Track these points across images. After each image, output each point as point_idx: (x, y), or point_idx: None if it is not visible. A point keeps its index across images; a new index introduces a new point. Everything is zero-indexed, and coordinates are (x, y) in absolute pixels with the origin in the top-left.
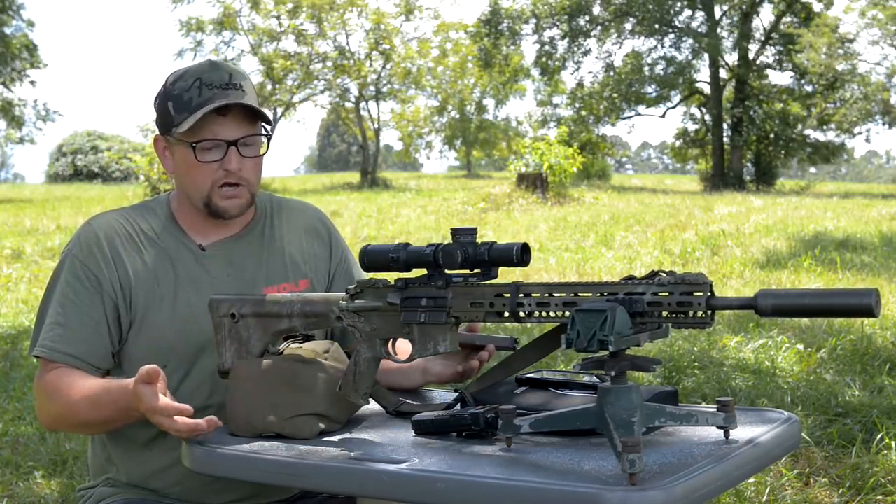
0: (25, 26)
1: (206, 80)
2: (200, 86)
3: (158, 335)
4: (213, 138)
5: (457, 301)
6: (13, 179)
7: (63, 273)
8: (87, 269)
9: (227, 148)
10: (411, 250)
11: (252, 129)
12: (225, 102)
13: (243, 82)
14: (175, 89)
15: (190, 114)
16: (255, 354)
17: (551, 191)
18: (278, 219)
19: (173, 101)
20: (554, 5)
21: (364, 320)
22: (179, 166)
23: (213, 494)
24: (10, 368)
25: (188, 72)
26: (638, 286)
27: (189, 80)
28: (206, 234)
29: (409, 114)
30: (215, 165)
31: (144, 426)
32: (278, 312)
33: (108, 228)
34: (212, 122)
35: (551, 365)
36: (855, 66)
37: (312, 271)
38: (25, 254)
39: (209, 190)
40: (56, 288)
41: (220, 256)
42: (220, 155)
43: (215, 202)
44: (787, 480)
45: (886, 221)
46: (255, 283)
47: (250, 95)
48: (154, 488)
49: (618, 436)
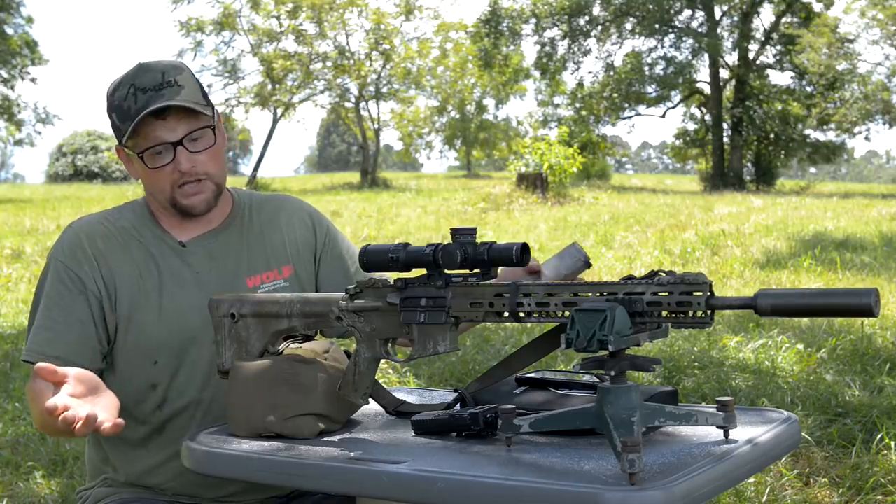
0: (25, 23)
1: (138, 85)
2: (135, 92)
3: (146, 332)
4: (157, 144)
5: (456, 301)
6: (13, 179)
7: (48, 277)
8: (70, 270)
9: (174, 149)
10: (411, 250)
11: (197, 123)
12: (155, 107)
13: (178, 77)
14: (115, 100)
15: (129, 122)
16: (255, 354)
17: (551, 191)
18: (257, 211)
19: (116, 113)
20: (554, 5)
21: (364, 320)
22: (139, 174)
23: (209, 489)
24: (11, 368)
25: (123, 79)
26: (637, 286)
27: (125, 89)
28: (184, 230)
29: (409, 114)
30: (169, 168)
31: (137, 425)
32: (278, 312)
33: (90, 229)
34: (152, 127)
35: (551, 365)
36: (855, 66)
37: (295, 257)
38: (25, 254)
39: (171, 192)
40: (43, 293)
41: (201, 251)
42: (171, 157)
43: (180, 202)
44: (787, 480)
45: (886, 221)
46: (237, 274)
47: (188, 88)
48: (150, 485)
49: (617, 436)
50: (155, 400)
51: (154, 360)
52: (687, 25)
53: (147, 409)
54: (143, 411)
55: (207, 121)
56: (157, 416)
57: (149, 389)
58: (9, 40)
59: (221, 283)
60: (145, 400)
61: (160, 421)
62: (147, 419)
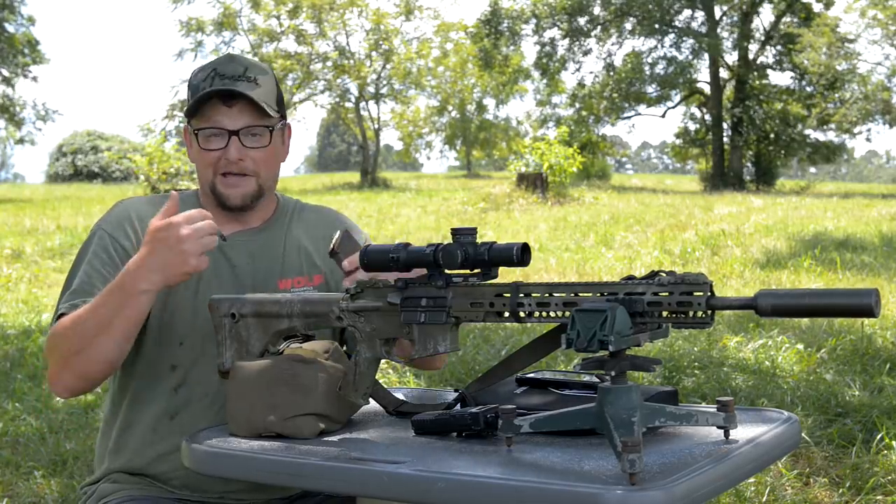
0: (26, 22)
1: (220, 71)
2: (214, 75)
3: (179, 313)
4: (214, 126)
5: (457, 301)
6: (13, 179)
7: (92, 246)
8: (117, 241)
9: (228, 137)
10: (411, 250)
11: (259, 121)
12: (222, 89)
13: (259, 76)
14: (195, 79)
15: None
16: (255, 354)
17: (551, 191)
18: (298, 218)
19: (191, 91)
20: (554, 5)
21: (364, 320)
22: (191, 154)
23: (216, 483)
24: (11, 368)
25: (209, 63)
26: (638, 286)
27: (207, 71)
28: (226, 226)
29: (409, 114)
30: (218, 154)
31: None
32: (278, 312)
33: (139, 208)
34: (217, 111)
35: (551, 365)
36: (855, 66)
37: (328, 267)
38: (25, 254)
39: (212, 177)
40: (84, 260)
41: (240, 247)
42: (223, 143)
43: (219, 189)
44: (787, 480)
45: (886, 221)
46: (271, 274)
47: (264, 88)
48: (157, 474)
49: (618, 436)
50: (173, 381)
51: (180, 341)
52: (687, 25)
53: (164, 389)
54: (160, 390)
55: (271, 123)
56: (172, 399)
57: (169, 370)
58: (13, 38)
59: (255, 281)
60: (164, 379)
61: (175, 405)
62: (162, 399)
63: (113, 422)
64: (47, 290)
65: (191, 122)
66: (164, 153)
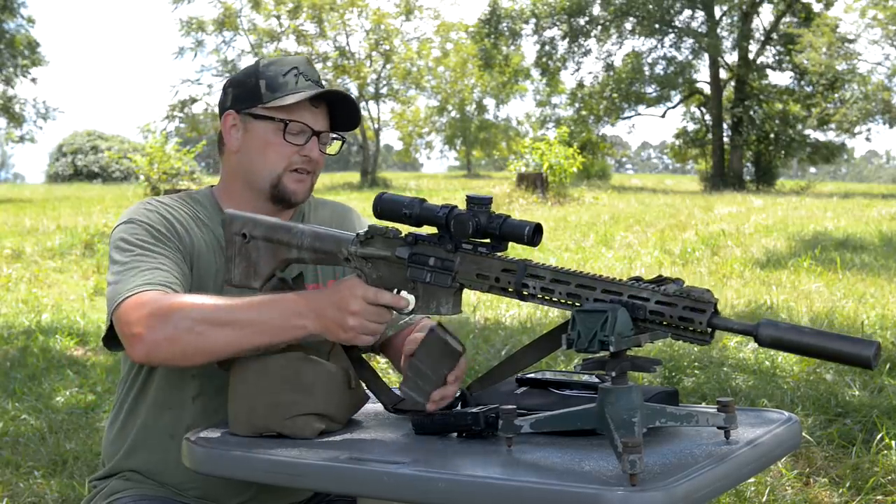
0: (26, 23)
1: (303, 72)
2: (298, 75)
3: None
4: (303, 122)
5: (464, 267)
6: (13, 179)
7: (136, 231)
8: (164, 221)
9: (310, 136)
10: (425, 207)
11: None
12: (324, 91)
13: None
14: (269, 71)
15: (290, 94)
16: (263, 277)
17: (551, 191)
18: (314, 213)
19: (266, 81)
20: (554, 5)
21: (371, 266)
22: (252, 142)
23: (232, 493)
24: (11, 368)
25: (283, 61)
26: (643, 291)
27: (286, 67)
28: None
29: (409, 114)
30: (295, 149)
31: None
32: (289, 241)
33: (170, 206)
34: (304, 110)
35: (551, 365)
36: (855, 66)
37: None
38: (25, 254)
39: (282, 170)
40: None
41: None
42: (303, 141)
43: (285, 183)
44: (787, 480)
45: (886, 221)
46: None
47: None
48: (174, 482)
49: (618, 436)
50: (192, 391)
51: None
52: (687, 25)
53: (184, 397)
54: (180, 398)
55: (345, 133)
56: (191, 408)
57: (190, 378)
58: (13, 39)
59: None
60: (185, 387)
61: (194, 413)
62: (182, 406)
63: (132, 420)
64: (47, 290)
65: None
66: (165, 153)
